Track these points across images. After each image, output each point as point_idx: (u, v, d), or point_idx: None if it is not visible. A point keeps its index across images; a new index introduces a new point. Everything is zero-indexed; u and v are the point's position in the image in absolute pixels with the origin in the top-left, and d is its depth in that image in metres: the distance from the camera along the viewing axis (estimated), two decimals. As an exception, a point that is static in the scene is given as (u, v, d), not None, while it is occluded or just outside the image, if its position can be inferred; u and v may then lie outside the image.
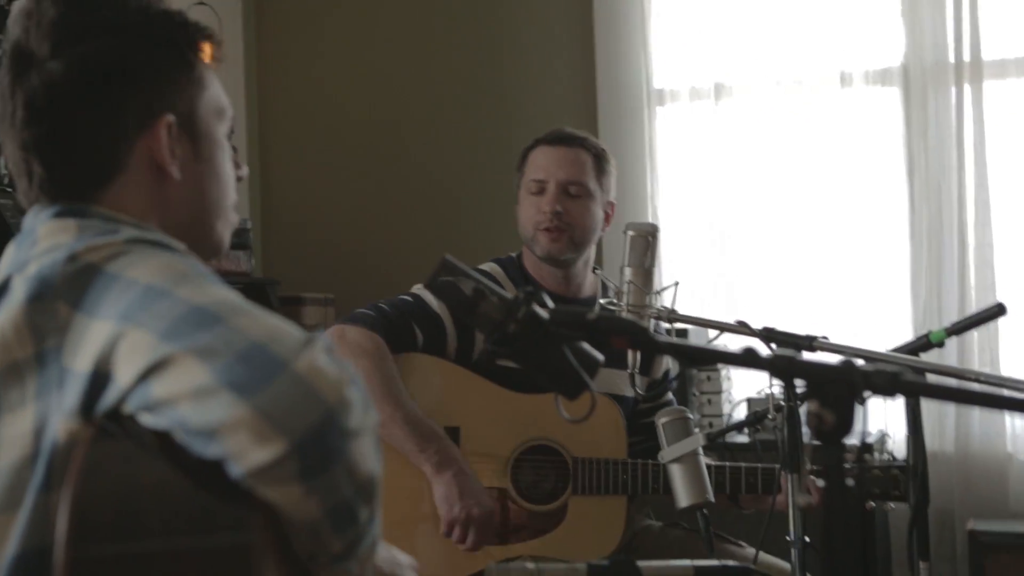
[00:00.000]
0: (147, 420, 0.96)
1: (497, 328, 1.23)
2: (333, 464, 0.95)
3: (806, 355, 1.90)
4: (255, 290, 3.55)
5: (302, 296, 3.77)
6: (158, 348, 0.94)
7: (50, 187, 1.14)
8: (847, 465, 2.24)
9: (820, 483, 1.48)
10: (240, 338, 0.94)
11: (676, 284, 2.18)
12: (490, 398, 2.26)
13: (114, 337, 0.97)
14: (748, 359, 1.10)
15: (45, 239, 1.09)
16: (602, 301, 2.13)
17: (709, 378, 3.28)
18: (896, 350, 1.76)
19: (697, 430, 2.41)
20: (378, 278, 4.01)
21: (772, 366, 1.07)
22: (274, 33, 4.24)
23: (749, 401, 3.22)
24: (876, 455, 2.46)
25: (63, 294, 1.01)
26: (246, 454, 0.92)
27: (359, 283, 4.01)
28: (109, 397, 0.97)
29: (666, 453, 2.02)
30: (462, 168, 4.03)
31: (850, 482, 1.03)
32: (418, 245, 4.03)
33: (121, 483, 0.97)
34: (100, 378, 0.97)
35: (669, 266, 3.70)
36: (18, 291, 1.03)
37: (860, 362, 1.03)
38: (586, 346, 1.22)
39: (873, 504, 2.26)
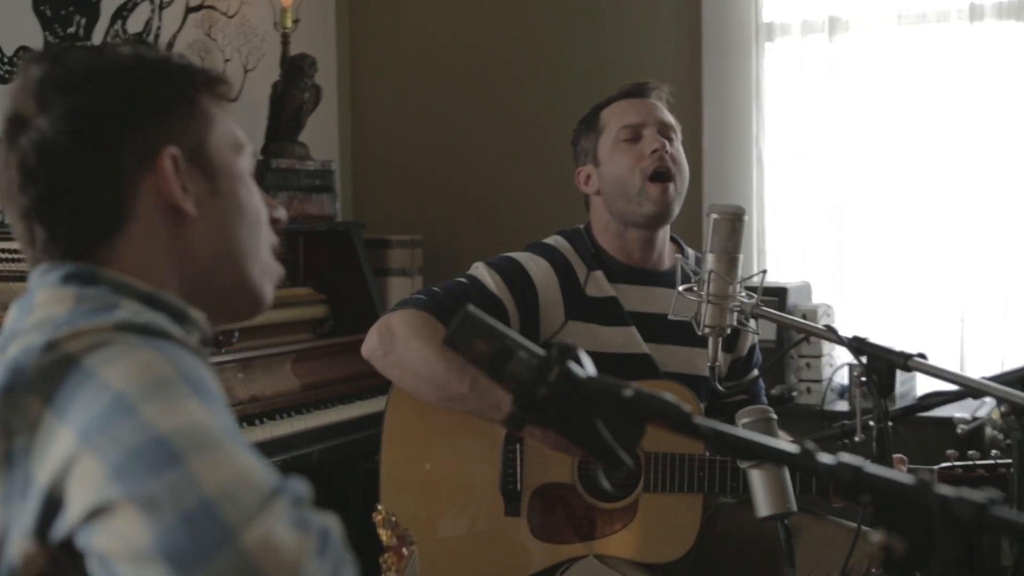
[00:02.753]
0: (94, 567, 0.84)
1: (526, 391, 1.09)
2: None
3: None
4: (338, 235, 3.45)
5: (388, 239, 3.66)
6: (105, 488, 0.82)
7: (54, 249, 1.05)
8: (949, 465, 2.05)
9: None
10: (191, 491, 0.81)
11: (763, 272, 2.00)
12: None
13: (71, 456, 0.85)
14: (804, 461, 0.94)
15: (40, 308, 0.99)
16: (681, 288, 1.96)
17: (809, 341, 3.08)
18: (1001, 379, 1.54)
19: (783, 433, 2.26)
20: (469, 219, 3.89)
21: (834, 475, 0.90)
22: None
23: (850, 367, 3.00)
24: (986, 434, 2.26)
25: (37, 387, 0.90)
26: None
27: (449, 225, 3.88)
28: (61, 527, 0.85)
29: (746, 458, 1.86)
30: (558, 103, 3.82)
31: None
32: (511, 185, 3.87)
33: None
34: (54, 501, 0.86)
35: (773, 215, 3.48)
36: None
37: (942, 488, 0.86)
38: (627, 417, 1.07)
39: None
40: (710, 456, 2.09)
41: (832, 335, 1.74)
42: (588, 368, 1.10)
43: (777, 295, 3.03)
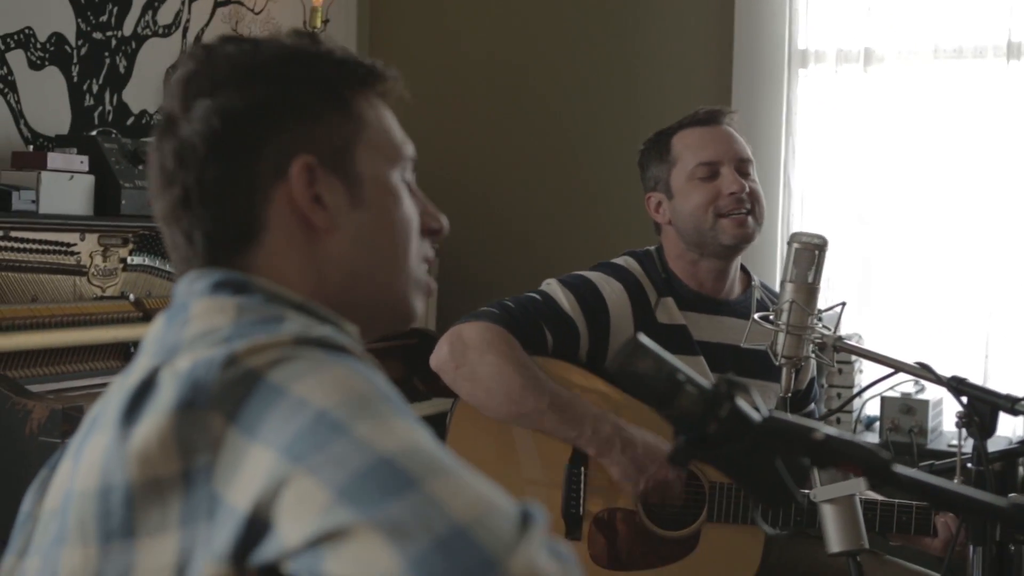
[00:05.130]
0: None
1: (695, 426, 1.04)
2: None
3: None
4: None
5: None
6: (334, 511, 0.76)
7: (194, 257, 1.01)
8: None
9: None
10: (439, 516, 0.76)
11: (843, 305, 1.97)
12: (624, 412, 2.07)
13: (279, 477, 0.80)
14: (1019, 515, 0.90)
15: (199, 319, 0.93)
16: (757, 316, 1.93)
17: (841, 371, 3.06)
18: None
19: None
20: (489, 233, 3.83)
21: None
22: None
23: (882, 399, 3.00)
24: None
25: (219, 404, 0.84)
26: None
27: (467, 238, 3.82)
28: (268, 550, 0.79)
29: (820, 492, 1.82)
30: (587, 125, 3.79)
31: None
32: (536, 201, 3.83)
33: None
34: (259, 524, 0.80)
35: (800, 242, 3.46)
36: (167, 392, 0.86)
37: None
38: (802, 459, 1.03)
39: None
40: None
41: (928, 373, 1.70)
42: (757, 403, 1.06)
43: (808, 323, 3.00)
